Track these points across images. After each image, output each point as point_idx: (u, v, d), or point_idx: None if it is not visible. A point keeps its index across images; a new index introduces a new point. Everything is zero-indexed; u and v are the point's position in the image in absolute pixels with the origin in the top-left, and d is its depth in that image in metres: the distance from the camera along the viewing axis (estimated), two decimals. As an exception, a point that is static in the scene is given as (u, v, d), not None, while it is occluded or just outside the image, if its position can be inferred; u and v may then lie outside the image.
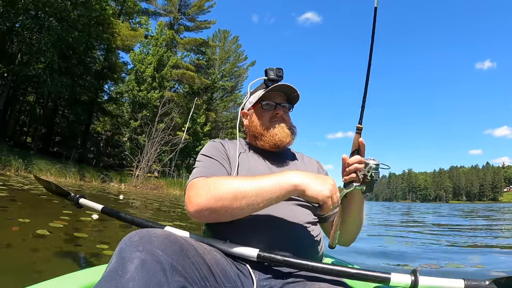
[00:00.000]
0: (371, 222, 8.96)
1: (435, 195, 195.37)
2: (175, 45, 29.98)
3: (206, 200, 0.94)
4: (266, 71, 1.31)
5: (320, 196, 0.93)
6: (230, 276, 0.91)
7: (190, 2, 31.81)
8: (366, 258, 3.74)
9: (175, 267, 0.70)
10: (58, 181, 12.93)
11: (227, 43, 37.73)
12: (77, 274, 1.06)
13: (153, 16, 31.54)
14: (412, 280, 0.86)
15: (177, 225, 4.52)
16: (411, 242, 5.12)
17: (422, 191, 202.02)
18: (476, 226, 8.48)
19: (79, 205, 1.71)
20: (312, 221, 1.18)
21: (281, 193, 0.95)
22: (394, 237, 5.75)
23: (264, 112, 1.31)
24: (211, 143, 1.31)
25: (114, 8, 25.38)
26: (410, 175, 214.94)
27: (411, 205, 53.86)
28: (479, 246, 4.87)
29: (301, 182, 0.94)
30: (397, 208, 28.39)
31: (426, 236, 6.12)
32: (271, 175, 0.97)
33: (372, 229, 7.09)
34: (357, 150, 1.08)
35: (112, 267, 0.67)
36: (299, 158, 1.41)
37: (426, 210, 22.98)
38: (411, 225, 8.99)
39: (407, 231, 7.12)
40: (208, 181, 1.00)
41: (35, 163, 14.51)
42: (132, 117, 23.95)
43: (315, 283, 0.92)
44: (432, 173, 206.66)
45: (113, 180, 19.03)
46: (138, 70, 24.07)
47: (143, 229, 0.77)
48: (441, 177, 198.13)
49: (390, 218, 12.12)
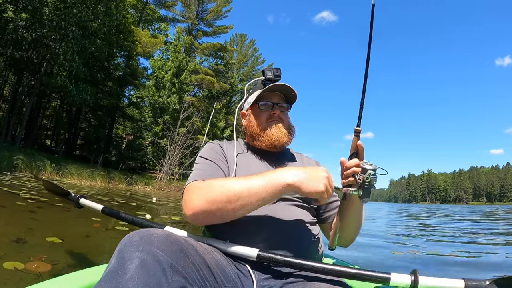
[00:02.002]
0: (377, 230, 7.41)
1: (454, 196, 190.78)
2: (193, 50, 30.58)
3: (201, 204, 0.96)
4: (264, 71, 1.32)
5: (315, 193, 0.94)
6: (230, 276, 0.91)
7: (208, 8, 32.52)
8: (366, 259, 3.71)
9: (175, 267, 0.71)
10: (89, 185, 13.43)
11: (244, 47, 38.31)
12: (77, 274, 1.06)
13: (172, 22, 32.32)
14: (412, 280, 0.86)
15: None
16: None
17: (441, 192, 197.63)
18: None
19: (79, 205, 1.69)
20: (310, 221, 1.19)
21: (275, 192, 0.95)
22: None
23: (262, 112, 1.31)
24: (209, 144, 1.32)
25: (134, 15, 26.14)
26: (430, 176, 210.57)
27: (430, 206, 50.58)
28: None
29: (294, 181, 0.94)
30: (413, 210, 26.25)
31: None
32: (265, 174, 0.97)
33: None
34: (356, 153, 1.06)
35: (112, 267, 0.68)
36: (298, 159, 1.41)
37: (444, 212, 21.65)
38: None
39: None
40: (203, 184, 1.02)
41: (67, 167, 15.07)
42: (154, 121, 24.51)
43: (314, 283, 0.93)
44: (452, 174, 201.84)
45: (138, 182, 19.56)
46: (158, 76, 24.63)
47: (143, 229, 0.78)
48: (461, 177, 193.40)
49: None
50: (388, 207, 42.86)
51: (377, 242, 5.09)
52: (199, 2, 31.78)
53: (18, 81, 17.67)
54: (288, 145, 1.34)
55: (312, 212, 1.23)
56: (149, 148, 24.66)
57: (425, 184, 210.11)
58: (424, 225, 9.53)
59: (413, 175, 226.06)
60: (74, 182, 13.39)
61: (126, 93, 27.29)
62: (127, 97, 27.58)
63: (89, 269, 1.12)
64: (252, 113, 1.35)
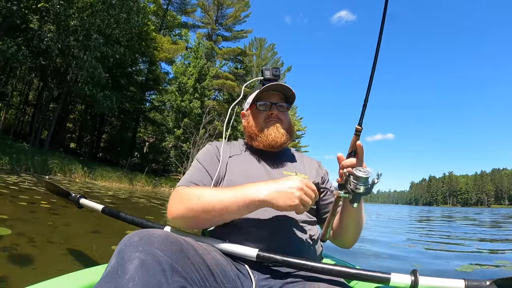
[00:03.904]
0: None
1: (476, 199, 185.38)
2: (214, 55, 31.12)
3: (179, 210, 1.01)
4: (262, 70, 1.31)
5: (289, 207, 0.92)
6: (229, 276, 0.91)
7: (227, 13, 33.08)
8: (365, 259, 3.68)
9: (175, 267, 0.71)
10: (119, 187, 13.93)
11: (263, 51, 38.71)
12: (77, 274, 1.06)
13: (192, 28, 33.05)
14: (412, 280, 0.86)
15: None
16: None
17: (463, 195, 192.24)
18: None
19: (80, 205, 1.69)
20: (309, 220, 1.18)
21: (247, 208, 0.96)
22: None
23: (260, 113, 1.30)
24: (206, 147, 1.33)
25: (155, 22, 26.85)
26: (451, 178, 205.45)
27: (452, 209, 47.76)
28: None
29: (267, 198, 0.93)
30: (435, 214, 24.58)
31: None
32: (241, 189, 0.97)
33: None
34: (354, 152, 1.01)
35: (111, 268, 0.68)
36: (299, 159, 1.39)
37: (466, 215, 20.38)
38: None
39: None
40: (186, 191, 1.05)
41: (97, 170, 15.65)
42: (176, 125, 25.08)
43: (314, 283, 0.92)
44: (474, 176, 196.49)
45: (164, 185, 20.08)
46: (181, 82, 25.19)
47: (143, 230, 0.78)
48: (482, 180, 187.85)
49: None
50: (399, 209, 41.13)
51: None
52: (218, 8, 32.35)
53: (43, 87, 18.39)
54: (287, 145, 1.33)
55: (311, 212, 1.23)
56: (172, 152, 25.24)
57: (446, 186, 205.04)
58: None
59: (434, 177, 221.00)
60: (105, 185, 13.94)
61: (148, 98, 28.10)
62: (149, 101, 28.38)
63: (89, 269, 1.12)
64: (251, 113, 1.34)
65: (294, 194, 0.92)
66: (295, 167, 1.30)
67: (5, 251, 2.12)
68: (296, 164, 1.34)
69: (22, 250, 2.24)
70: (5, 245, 2.28)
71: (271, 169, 1.25)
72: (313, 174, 1.31)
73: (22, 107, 24.52)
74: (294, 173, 1.25)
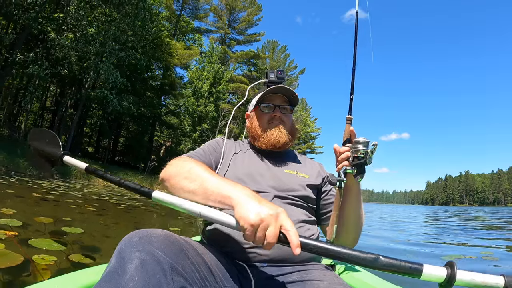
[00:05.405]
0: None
1: (493, 198, 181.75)
2: (228, 59, 31.52)
3: (170, 171, 1.03)
4: (267, 73, 1.35)
5: (242, 220, 0.76)
6: (229, 276, 0.91)
7: (239, 17, 33.46)
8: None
9: (175, 267, 0.71)
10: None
11: (276, 53, 38.89)
12: (77, 274, 1.06)
13: (205, 33, 33.50)
14: (448, 273, 0.72)
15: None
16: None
17: (479, 194, 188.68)
18: None
19: (63, 162, 1.63)
20: (308, 219, 1.19)
21: (218, 200, 0.86)
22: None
23: (263, 114, 1.33)
24: (216, 138, 1.40)
25: (169, 27, 27.32)
26: (467, 177, 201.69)
27: (467, 209, 45.26)
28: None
29: (235, 198, 0.81)
30: (450, 213, 23.33)
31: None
32: (229, 183, 0.89)
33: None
34: (349, 140, 1.08)
35: (111, 267, 0.67)
36: (301, 160, 1.42)
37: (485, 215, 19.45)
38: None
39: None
40: (185, 159, 1.08)
41: (119, 174, 16.08)
42: (193, 129, 25.45)
43: (314, 282, 0.93)
44: (490, 175, 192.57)
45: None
46: (196, 86, 25.55)
47: (143, 230, 0.78)
48: (499, 178, 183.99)
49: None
50: (414, 209, 40.09)
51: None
52: (230, 12, 32.72)
53: (60, 93, 18.85)
54: (289, 146, 1.35)
55: (311, 212, 1.24)
56: (189, 155, 25.56)
57: (462, 185, 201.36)
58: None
59: (450, 177, 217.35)
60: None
61: (163, 102, 28.59)
62: (165, 105, 28.87)
63: (89, 269, 1.12)
64: (255, 114, 1.37)
65: (263, 215, 0.75)
66: (296, 167, 1.33)
67: (77, 244, 2.72)
68: (298, 164, 1.37)
69: (88, 242, 2.88)
70: (76, 239, 2.88)
71: (272, 166, 1.29)
72: (314, 175, 1.34)
73: (41, 113, 25.21)
74: (295, 173, 1.29)
